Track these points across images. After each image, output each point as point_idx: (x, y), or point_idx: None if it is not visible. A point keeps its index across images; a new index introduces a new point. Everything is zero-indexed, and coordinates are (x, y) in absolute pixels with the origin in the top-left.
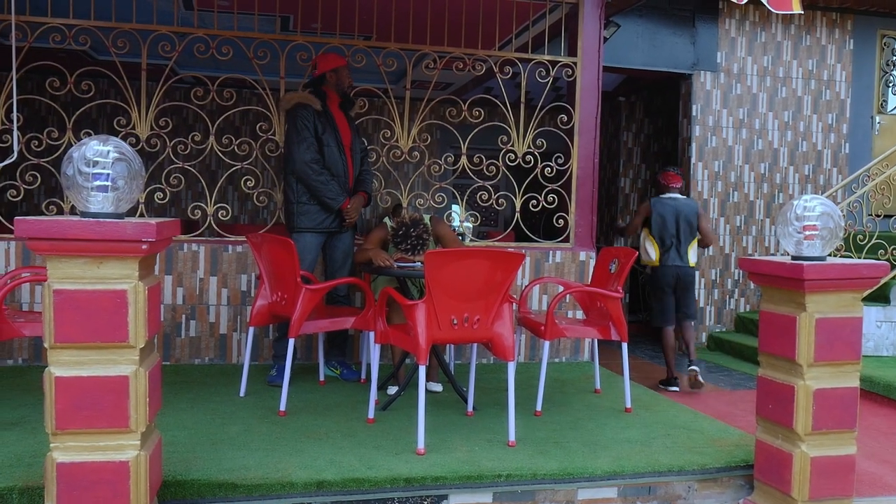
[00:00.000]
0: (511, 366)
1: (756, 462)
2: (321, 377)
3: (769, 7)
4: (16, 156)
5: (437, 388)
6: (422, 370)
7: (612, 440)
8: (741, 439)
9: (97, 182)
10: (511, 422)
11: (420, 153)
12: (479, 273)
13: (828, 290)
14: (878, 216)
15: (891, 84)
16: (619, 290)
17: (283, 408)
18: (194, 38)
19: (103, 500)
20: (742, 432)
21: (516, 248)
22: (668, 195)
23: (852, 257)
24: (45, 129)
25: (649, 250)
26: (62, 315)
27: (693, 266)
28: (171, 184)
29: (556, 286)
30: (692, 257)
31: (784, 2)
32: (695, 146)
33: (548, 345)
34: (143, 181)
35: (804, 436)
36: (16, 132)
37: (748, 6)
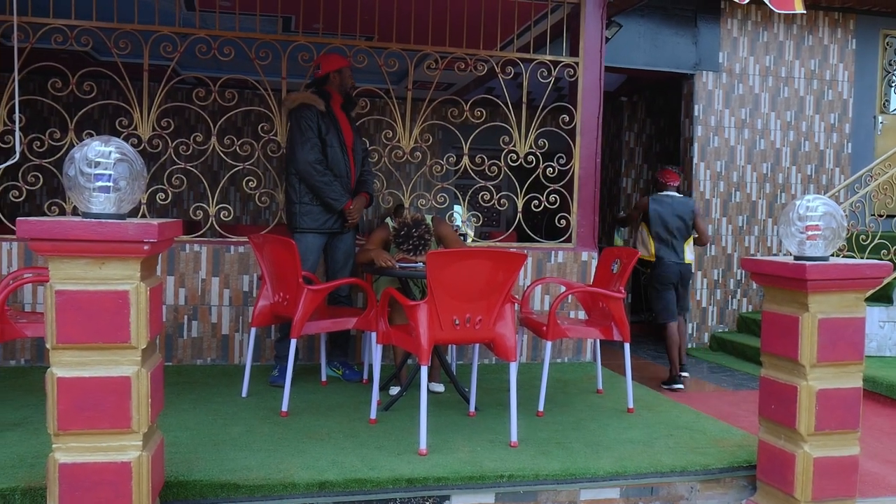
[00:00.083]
0: (513, 366)
1: (759, 462)
2: (323, 378)
3: (771, 7)
4: (18, 156)
5: (440, 388)
6: (424, 371)
7: (615, 440)
8: (744, 440)
9: (99, 183)
10: (513, 422)
11: (422, 153)
12: (481, 273)
13: (830, 291)
14: (881, 216)
15: (893, 84)
16: (622, 291)
17: (285, 408)
18: (196, 38)
19: (105, 501)
20: (745, 433)
21: (518, 249)
22: (665, 193)
23: (855, 257)
24: (48, 130)
25: (646, 246)
26: (64, 316)
27: (689, 263)
28: (172, 184)
29: (559, 286)
30: (688, 254)
31: (786, 1)
32: (697, 146)
33: (550, 345)
34: (145, 182)
35: (807, 436)
36: (18, 133)
37: (750, 6)
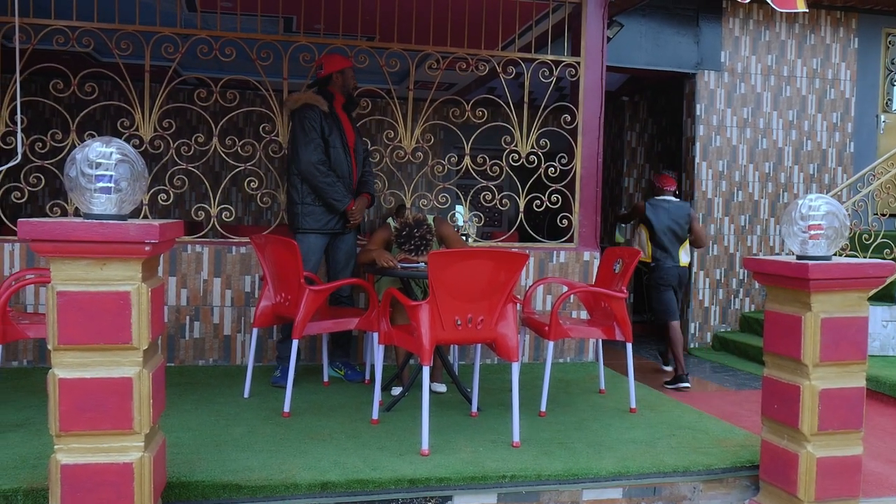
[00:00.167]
0: (515, 366)
1: (762, 462)
2: (325, 378)
3: (773, 6)
4: (20, 158)
5: (442, 388)
6: (426, 371)
7: (617, 441)
8: (746, 439)
9: (100, 184)
10: (515, 422)
11: (423, 154)
12: (483, 273)
13: (833, 290)
14: (884, 215)
15: None
16: (624, 291)
17: (287, 409)
18: (197, 39)
19: (107, 502)
20: (747, 432)
21: (520, 249)
22: (661, 197)
23: (858, 257)
24: (49, 131)
25: (644, 249)
26: (65, 317)
27: (685, 266)
28: (174, 185)
29: (561, 286)
30: (683, 258)
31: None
32: (699, 146)
33: (552, 345)
34: (147, 183)
35: (810, 436)
36: (20, 134)
37: (752, 5)
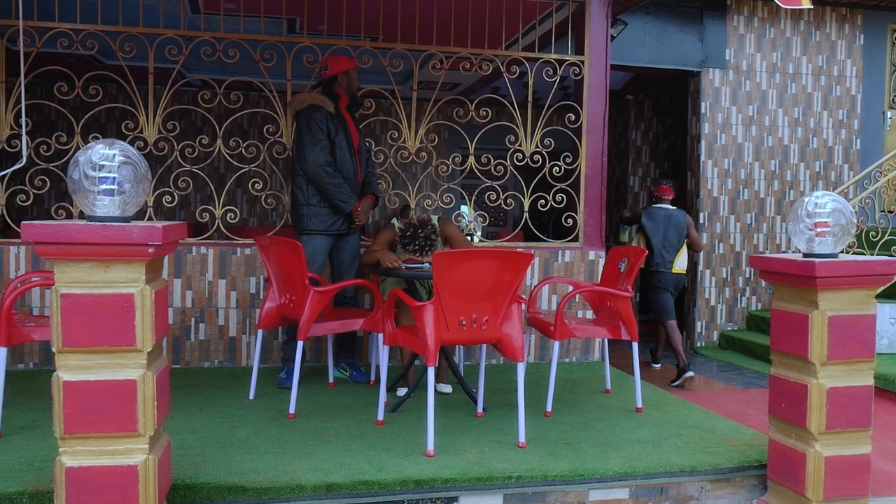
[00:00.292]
0: (521, 366)
1: (769, 462)
2: (330, 379)
3: (778, 3)
4: (25, 161)
5: (447, 389)
6: (430, 371)
7: (624, 440)
8: (754, 439)
9: (103, 186)
10: (521, 423)
11: (427, 154)
12: (488, 273)
13: (840, 288)
14: (891, 212)
15: None
16: (629, 290)
17: (292, 410)
18: (201, 41)
19: None
20: (755, 432)
21: (525, 248)
22: (659, 206)
23: (865, 254)
24: (54, 134)
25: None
26: (69, 319)
27: (679, 272)
28: (179, 187)
29: (566, 286)
30: (679, 264)
31: None
32: (704, 144)
33: (557, 345)
34: (150, 185)
35: (818, 435)
36: (24, 137)
37: (756, 2)
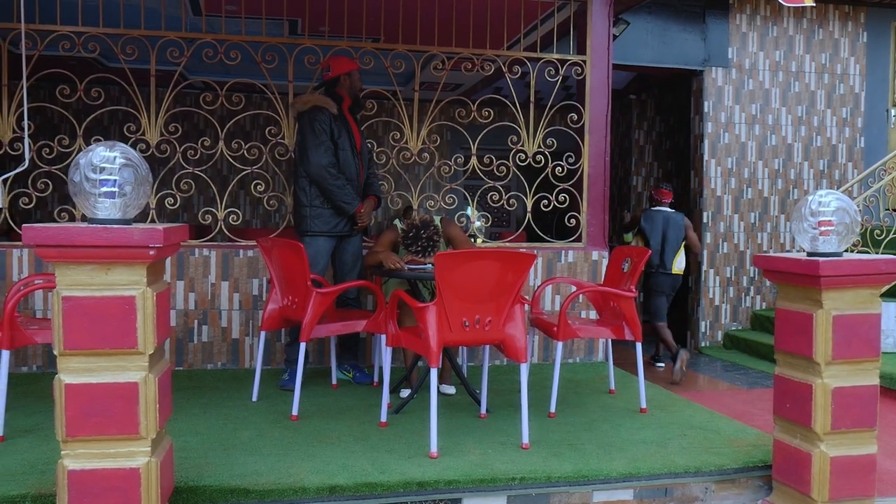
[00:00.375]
0: (524, 367)
1: (774, 462)
2: (333, 381)
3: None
4: (27, 163)
5: (450, 390)
6: (433, 373)
7: (628, 441)
8: (759, 439)
9: (104, 188)
10: (524, 424)
11: (430, 154)
12: (490, 274)
13: (845, 287)
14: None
15: None
16: (633, 290)
17: (295, 412)
18: (202, 43)
19: None
20: (759, 432)
21: (528, 249)
22: (657, 208)
23: (869, 253)
24: (56, 137)
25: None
26: (71, 322)
27: (677, 273)
28: (181, 189)
29: (569, 286)
30: (677, 265)
31: None
32: (707, 143)
33: (561, 345)
34: (151, 187)
35: (823, 435)
36: (27, 140)
37: (759, 0)
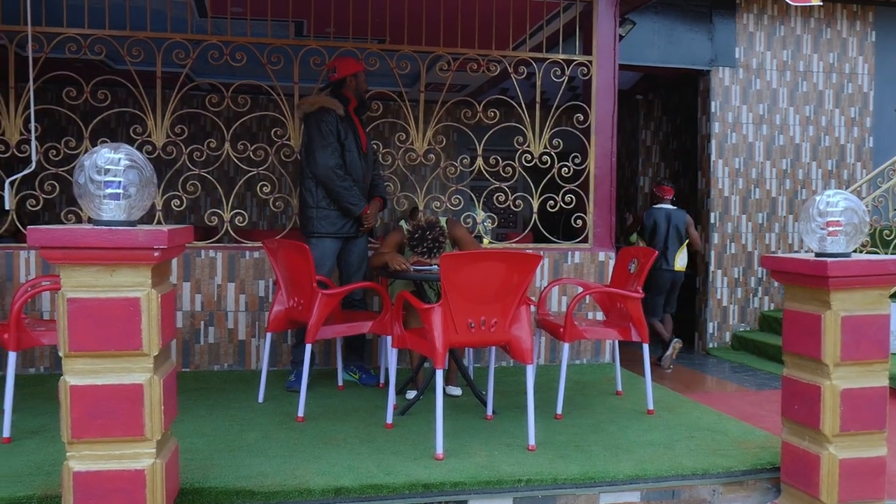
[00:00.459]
0: (530, 369)
1: (782, 464)
2: (340, 382)
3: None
4: (34, 165)
5: (457, 391)
6: (439, 374)
7: (635, 443)
8: (767, 441)
9: (109, 190)
10: (531, 425)
11: (436, 155)
12: (496, 275)
13: (853, 287)
14: None
15: None
16: (639, 291)
17: (301, 413)
18: (208, 44)
19: None
20: (768, 434)
21: (534, 250)
22: (659, 205)
23: (879, 253)
24: (63, 139)
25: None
26: (76, 323)
27: (679, 270)
28: (187, 191)
29: (576, 287)
30: (679, 262)
31: None
32: (714, 143)
33: (567, 347)
34: (156, 188)
35: (832, 437)
36: (34, 142)
37: (766, 0)
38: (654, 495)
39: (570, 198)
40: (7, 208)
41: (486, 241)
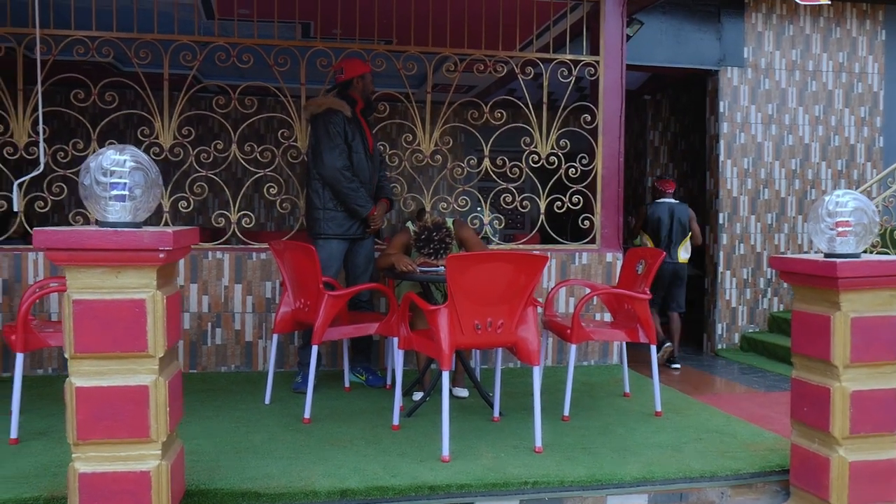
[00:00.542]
0: (536, 370)
1: (792, 467)
2: (346, 383)
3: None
4: (42, 167)
5: (463, 393)
6: (445, 376)
7: (642, 445)
8: (776, 443)
9: (114, 191)
10: (538, 427)
11: (443, 156)
12: (502, 276)
13: (863, 288)
14: None
15: None
16: (647, 292)
17: (307, 415)
18: (215, 46)
19: None
20: (777, 436)
21: (541, 251)
22: (662, 200)
23: (889, 254)
24: (71, 141)
25: (647, 246)
26: (81, 325)
27: (683, 262)
28: (194, 192)
29: (583, 288)
30: (682, 255)
31: None
32: (723, 143)
33: (574, 348)
34: (161, 190)
35: (842, 439)
36: (42, 144)
37: None
38: (662, 498)
39: (578, 199)
40: (16, 210)
41: (494, 241)
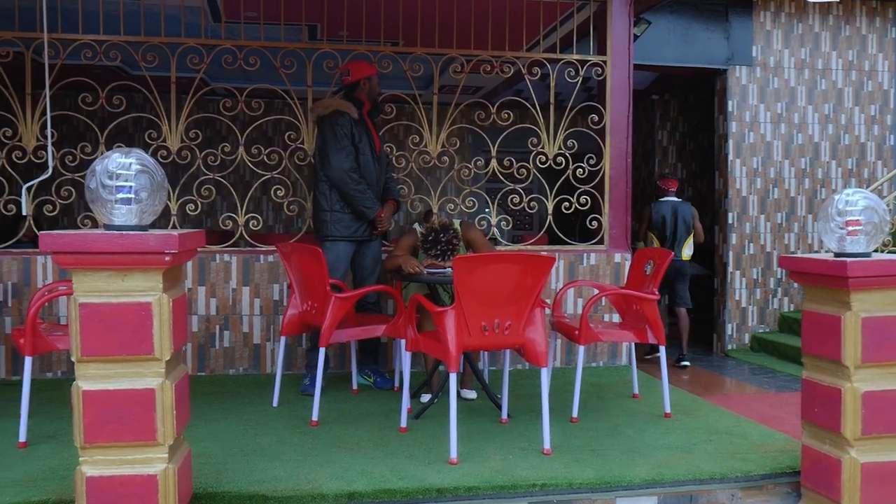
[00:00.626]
0: (544, 371)
1: (803, 468)
2: (354, 386)
3: None
4: (51, 171)
5: (472, 395)
6: (453, 378)
7: (652, 447)
8: (787, 444)
9: (120, 195)
10: (546, 429)
11: (450, 158)
12: (509, 277)
13: (873, 288)
14: None
15: None
16: (655, 292)
17: (315, 417)
18: (222, 49)
19: None
20: (788, 437)
21: (550, 252)
22: (665, 198)
23: None
24: (80, 144)
25: (649, 245)
26: (88, 328)
27: (687, 260)
28: (202, 195)
29: (591, 289)
30: (686, 252)
31: None
32: (732, 143)
33: (583, 349)
34: (167, 193)
35: (853, 441)
36: (50, 148)
37: None
38: (672, 500)
39: (586, 199)
40: (24, 214)
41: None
